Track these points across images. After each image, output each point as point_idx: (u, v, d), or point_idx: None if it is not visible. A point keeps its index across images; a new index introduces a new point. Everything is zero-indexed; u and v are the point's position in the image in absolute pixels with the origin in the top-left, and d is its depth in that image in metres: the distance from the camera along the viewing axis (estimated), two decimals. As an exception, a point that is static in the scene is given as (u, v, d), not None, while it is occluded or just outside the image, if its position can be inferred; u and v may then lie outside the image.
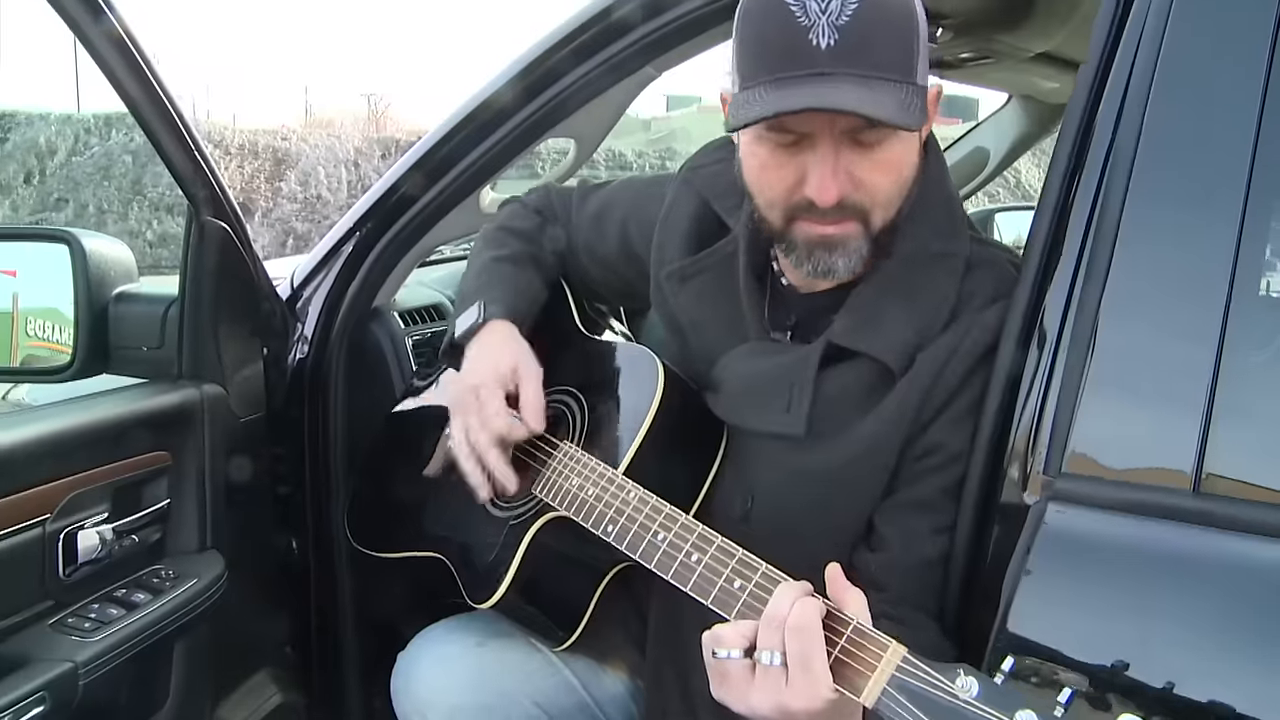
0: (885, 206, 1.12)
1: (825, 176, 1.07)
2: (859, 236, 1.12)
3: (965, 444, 1.11)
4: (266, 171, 14.79)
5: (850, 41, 1.02)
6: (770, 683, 0.89)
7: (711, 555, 1.04)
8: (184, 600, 1.40)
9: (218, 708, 1.56)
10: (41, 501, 1.27)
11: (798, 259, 1.15)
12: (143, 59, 1.32)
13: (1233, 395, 0.94)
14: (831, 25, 1.02)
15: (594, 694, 1.37)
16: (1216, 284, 0.96)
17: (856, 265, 1.14)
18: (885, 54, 1.04)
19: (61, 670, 1.20)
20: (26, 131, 14.89)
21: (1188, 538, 0.93)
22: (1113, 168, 1.04)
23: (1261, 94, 0.97)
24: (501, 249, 1.47)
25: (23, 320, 1.59)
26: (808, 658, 0.88)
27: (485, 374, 1.30)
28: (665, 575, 1.07)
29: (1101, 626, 0.95)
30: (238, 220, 1.56)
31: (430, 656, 1.38)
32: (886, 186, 1.11)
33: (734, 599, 1.00)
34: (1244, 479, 0.95)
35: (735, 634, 0.93)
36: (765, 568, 1.00)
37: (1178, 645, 0.92)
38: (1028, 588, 0.98)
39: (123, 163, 14.15)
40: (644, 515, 1.11)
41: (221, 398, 1.55)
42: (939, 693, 0.82)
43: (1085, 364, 1.02)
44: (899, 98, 1.04)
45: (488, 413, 1.27)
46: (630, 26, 1.56)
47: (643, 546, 1.10)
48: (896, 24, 1.05)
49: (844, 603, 0.92)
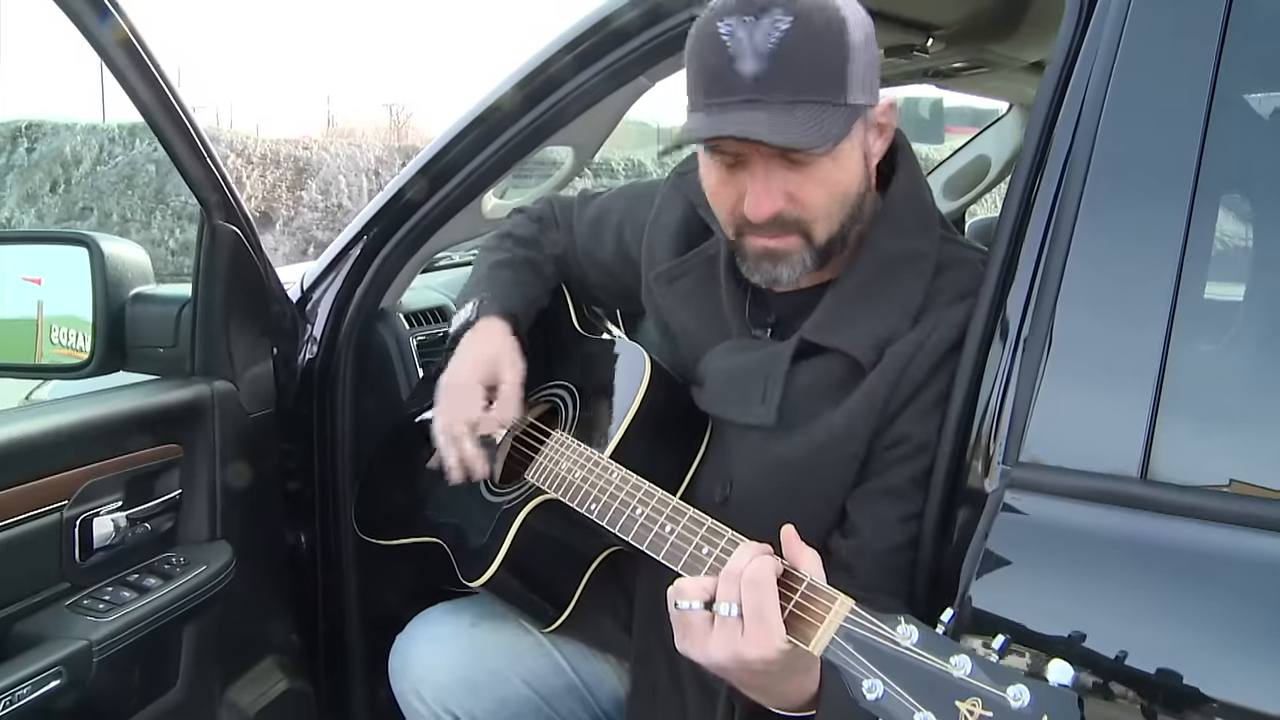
0: (826, 220, 1.18)
1: (758, 194, 1.14)
2: (801, 249, 1.19)
3: (932, 435, 1.16)
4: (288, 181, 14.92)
5: (775, 67, 1.08)
6: (727, 633, 0.94)
7: (683, 526, 1.10)
8: (193, 586, 1.46)
9: (226, 691, 1.62)
10: (60, 489, 1.34)
11: (748, 269, 1.23)
12: (155, 67, 1.39)
13: (1178, 388, 0.99)
14: (757, 54, 1.08)
15: (582, 675, 1.43)
16: (1163, 283, 1.02)
17: (801, 274, 1.21)
18: (810, 78, 1.10)
19: (77, 647, 1.27)
20: (53, 141, 15.09)
21: (1135, 523, 0.98)
22: (1069, 172, 1.10)
23: (1207, 104, 1.03)
24: (500, 255, 1.54)
25: (47, 327, 1.67)
26: (762, 609, 0.93)
27: (468, 367, 1.38)
28: (641, 546, 1.13)
29: (1051, 603, 1.00)
30: (248, 224, 1.63)
31: (425, 637, 1.44)
32: (823, 202, 1.16)
33: (702, 564, 1.06)
34: (1188, 467, 0.99)
35: (696, 587, 0.98)
36: (731, 534, 1.06)
37: (1123, 619, 0.97)
38: (985, 569, 1.04)
39: (146, 172, 14.32)
40: (624, 493, 1.18)
41: (232, 394, 1.62)
42: (882, 640, 0.87)
43: (1042, 358, 1.07)
44: (819, 119, 1.09)
45: (465, 403, 1.35)
46: (628, 35, 1.62)
47: (621, 521, 1.17)
48: (823, 48, 1.10)
49: (798, 561, 0.97)
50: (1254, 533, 0.93)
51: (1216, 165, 1.02)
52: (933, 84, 2.55)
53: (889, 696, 0.83)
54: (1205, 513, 0.96)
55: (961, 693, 0.81)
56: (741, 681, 0.99)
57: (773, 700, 1.00)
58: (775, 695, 0.99)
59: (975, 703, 0.80)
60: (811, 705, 0.99)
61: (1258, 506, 0.94)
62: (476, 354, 1.39)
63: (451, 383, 1.38)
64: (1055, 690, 0.80)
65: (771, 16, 1.08)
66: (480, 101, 1.72)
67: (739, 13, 1.09)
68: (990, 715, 0.80)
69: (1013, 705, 0.79)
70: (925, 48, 2.02)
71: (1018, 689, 0.80)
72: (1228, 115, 1.04)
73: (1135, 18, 1.09)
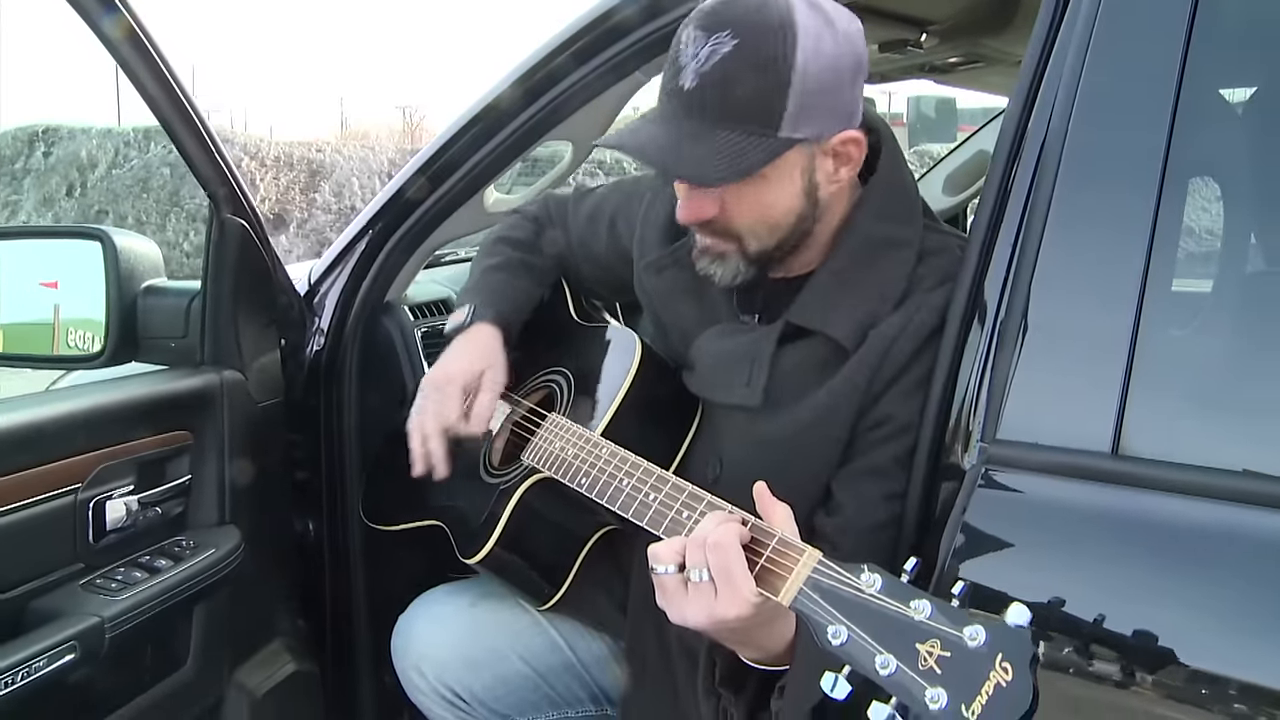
0: (754, 237, 1.22)
1: (683, 200, 1.21)
2: (735, 255, 1.24)
3: (914, 415, 1.19)
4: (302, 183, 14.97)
5: (704, 87, 1.11)
6: (701, 595, 0.98)
7: (665, 493, 1.14)
8: (203, 567, 1.51)
9: (235, 671, 1.66)
10: (74, 472, 1.39)
11: (696, 256, 1.28)
12: (164, 64, 1.44)
13: (1147, 368, 1.03)
14: (697, 71, 1.11)
15: (579, 654, 1.47)
16: (1133, 268, 1.05)
17: (738, 279, 1.26)
18: (739, 106, 1.12)
19: (90, 624, 1.31)
20: (69, 145, 15.19)
21: (1107, 496, 1.02)
22: (1043, 161, 1.13)
23: (1175, 93, 1.06)
24: (497, 258, 1.58)
25: (64, 331, 1.72)
26: (729, 570, 0.97)
27: (452, 370, 1.43)
28: (626, 515, 1.17)
29: (1027, 575, 1.04)
30: (256, 218, 1.67)
31: (426, 616, 1.48)
32: (748, 222, 1.21)
33: (682, 528, 1.10)
34: (1157, 443, 1.03)
35: (669, 550, 1.02)
36: (710, 498, 1.10)
37: (1097, 589, 1.00)
38: (963, 541, 1.07)
39: (161, 175, 14.39)
40: (613, 467, 1.22)
41: (240, 383, 1.66)
42: (846, 588, 0.91)
43: (1018, 340, 1.11)
44: (738, 147, 1.12)
45: (442, 406, 1.40)
46: (627, 30, 1.65)
47: (609, 492, 1.21)
48: (758, 79, 1.10)
49: (771, 515, 1.02)
50: (1220, 504, 0.96)
51: (1184, 155, 1.06)
52: (930, 79, 2.57)
53: (853, 640, 0.87)
54: (1174, 486, 0.99)
55: (921, 635, 0.85)
56: (721, 637, 1.03)
57: (753, 651, 1.04)
58: (755, 646, 1.04)
59: (934, 644, 0.84)
60: (789, 654, 1.04)
61: (1224, 480, 0.98)
62: (462, 359, 1.44)
63: (433, 382, 1.43)
64: (1011, 629, 0.83)
65: (717, 37, 1.10)
66: (480, 99, 1.75)
67: (697, 24, 1.13)
68: (948, 655, 0.83)
69: (969, 644, 0.83)
70: (919, 43, 2.04)
71: (974, 629, 0.83)
72: (1194, 108, 1.07)
73: (1106, 14, 1.12)
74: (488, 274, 1.55)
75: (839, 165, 1.21)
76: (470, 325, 1.47)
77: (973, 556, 1.08)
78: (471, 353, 1.44)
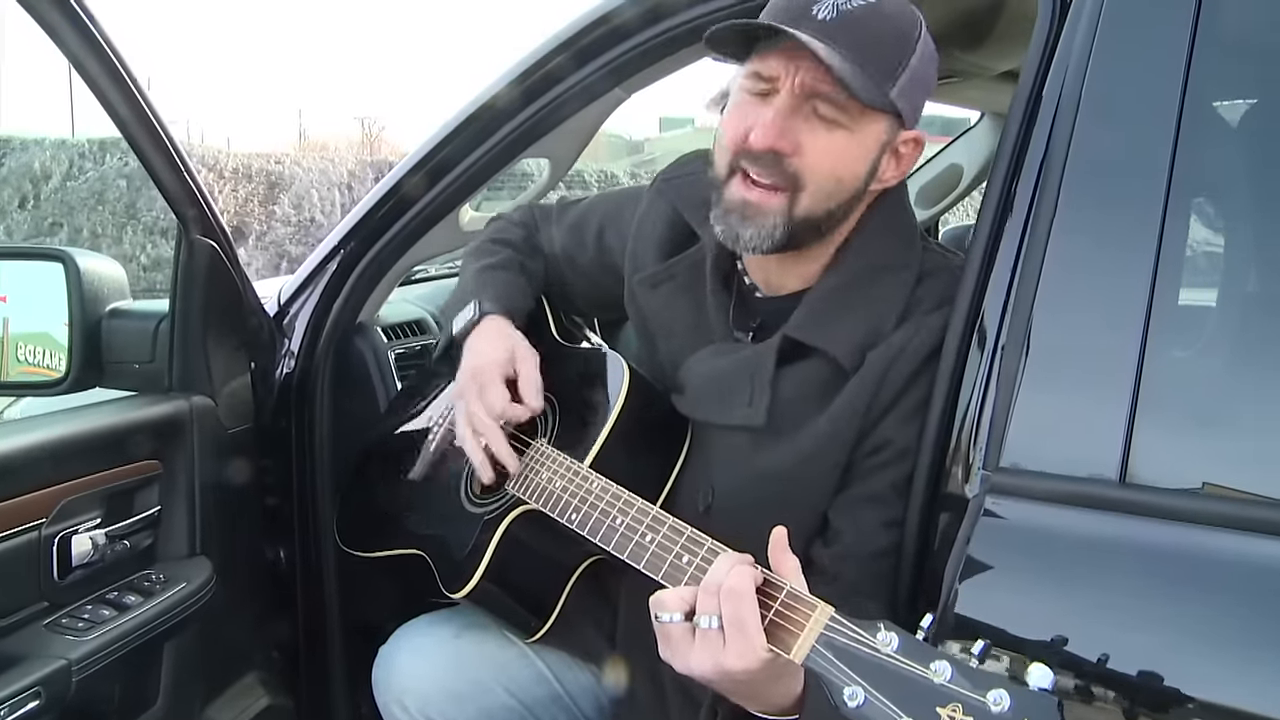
0: (814, 192, 1.18)
1: (768, 121, 1.16)
2: (778, 212, 1.18)
3: (913, 440, 1.17)
4: (260, 195, 14.83)
5: (844, 23, 1.12)
6: (709, 645, 0.95)
7: (664, 535, 1.10)
8: (173, 603, 1.45)
9: (206, 708, 1.61)
10: (37, 507, 1.32)
11: (716, 217, 1.23)
12: (132, 82, 1.39)
13: (1155, 392, 1.01)
14: (836, 5, 1.12)
15: (566, 685, 1.43)
16: (1139, 288, 1.03)
17: (765, 243, 1.20)
18: (871, 50, 1.13)
19: (55, 667, 1.25)
20: (21, 156, 14.93)
21: (1114, 525, 1.00)
22: (1044, 178, 1.11)
23: (1178, 114, 1.04)
24: (491, 258, 1.53)
25: (13, 345, 1.64)
26: (742, 620, 0.93)
27: (485, 362, 1.36)
28: (621, 556, 1.13)
29: (1033, 607, 1.01)
30: (226, 238, 1.62)
31: (408, 648, 1.44)
32: (823, 169, 1.17)
33: (682, 573, 1.06)
34: (1166, 470, 1.01)
35: (676, 598, 0.98)
36: (711, 543, 1.06)
37: (1104, 622, 0.98)
38: (967, 574, 1.04)
39: (117, 187, 14.19)
40: (604, 502, 1.18)
41: (210, 409, 1.61)
42: (862, 647, 0.88)
43: (1020, 363, 1.08)
44: (858, 80, 1.11)
45: (489, 396, 1.33)
46: (602, 49, 1.62)
47: (602, 530, 1.17)
48: (891, 32, 1.15)
49: (781, 567, 0.98)
50: (1232, 534, 0.94)
51: (1189, 170, 1.04)
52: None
53: (870, 704, 0.84)
54: (1183, 515, 0.97)
55: (942, 699, 0.82)
56: (726, 689, 0.99)
57: (759, 705, 1.00)
58: (760, 700, 1.00)
59: (956, 708, 0.81)
60: (797, 708, 1.00)
61: (1235, 508, 0.96)
62: (486, 350, 1.38)
63: (472, 379, 1.36)
64: (1035, 694, 0.81)
65: None
66: (457, 114, 1.72)
67: None
68: None
69: (993, 710, 0.80)
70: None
71: (998, 693, 0.80)
72: (1198, 121, 1.06)
73: (1106, 26, 1.11)
74: (486, 272, 1.51)
75: (896, 162, 1.23)
76: (480, 321, 1.42)
77: (976, 588, 1.05)
78: (493, 340, 1.39)
